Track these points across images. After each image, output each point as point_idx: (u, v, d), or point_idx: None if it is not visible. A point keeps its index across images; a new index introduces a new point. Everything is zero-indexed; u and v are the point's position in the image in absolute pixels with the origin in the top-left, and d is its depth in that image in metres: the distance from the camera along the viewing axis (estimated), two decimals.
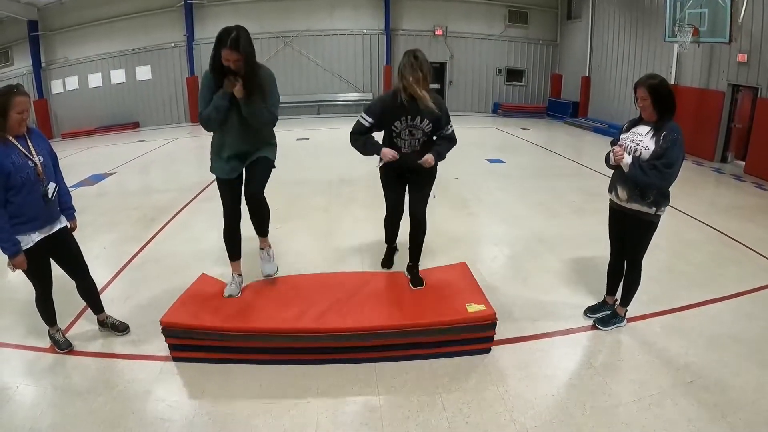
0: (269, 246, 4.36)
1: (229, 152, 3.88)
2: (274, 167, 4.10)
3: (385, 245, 4.95)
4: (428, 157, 3.92)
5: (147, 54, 19.01)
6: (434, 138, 4.06)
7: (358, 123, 3.98)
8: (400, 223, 4.56)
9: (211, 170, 4.02)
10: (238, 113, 3.70)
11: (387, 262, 4.94)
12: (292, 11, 18.86)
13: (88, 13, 18.36)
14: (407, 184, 4.27)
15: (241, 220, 4.10)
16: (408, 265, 4.40)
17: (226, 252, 4.24)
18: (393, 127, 3.93)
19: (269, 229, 4.29)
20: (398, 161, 3.98)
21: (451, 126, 4.08)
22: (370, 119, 3.95)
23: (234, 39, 3.43)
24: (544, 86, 20.24)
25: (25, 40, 18.08)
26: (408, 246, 4.37)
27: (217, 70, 3.58)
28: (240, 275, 4.25)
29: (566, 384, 3.34)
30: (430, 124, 3.92)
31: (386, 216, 4.56)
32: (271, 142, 4.05)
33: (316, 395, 3.27)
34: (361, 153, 4.08)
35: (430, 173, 4.16)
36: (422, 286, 4.16)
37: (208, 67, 3.67)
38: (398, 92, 3.82)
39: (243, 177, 4.03)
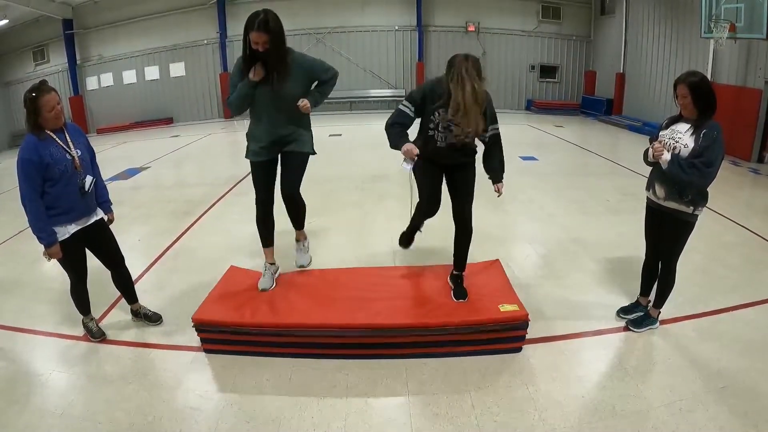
0: (305, 238, 4.55)
1: (264, 140, 3.98)
2: (314, 153, 4.17)
3: (408, 225, 4.35)
4: (502, 188, 3.86)
5: (180, 51, 19.37)
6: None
7: (399, 110, 3.69)
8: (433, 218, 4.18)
9: (246, 156, 4.10)
10: (270, 100, 3.79)
11: (406, 241, 4.43)
12: (324, 8, 18.96)
13: (121, 12, 18.78)
14: (448, 184, 3.96)
15: (274, 210, 4.19)
16: (453, 274, 4.09)
17: (260, 238, 4.30)
18: (432, 117, 3.62)
19: (305, 223, 4.42)
20: (434, 155, 3.74)
21: (498, 127, 3.76)
22: (411, 107, 3.66)
23: (262, 21, 3.56)
24: (577, 83, 19.91)
25: (60, 39, 18.61)
26: (453, 254, 4.07)
27: (247, 59, 3.70)
28: (273, 264, 4.31)
29: (597, 386, 3.29)
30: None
31: (418, 205, 4.05)
32: (306, 129, 4.11)
33: (345, 390, 3.28)
34: (389, 143, 3.72)
35: (472, 170, 3.90)
36: (465, 299, 3.89)
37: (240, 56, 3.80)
38: (444, 84, 3.49)
39: (277, 162, 4.11)
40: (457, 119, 3.46)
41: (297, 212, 4.41)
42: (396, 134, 3.66)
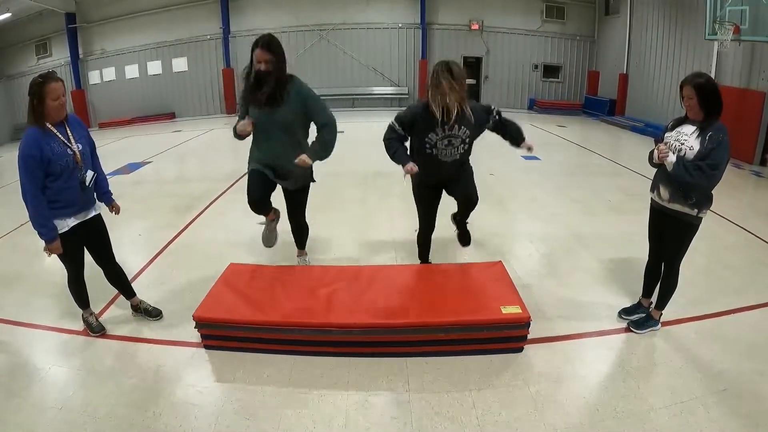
0: (306, 254, 4.81)
1: (262, 162, 4.11)
2: (314, 181, 4.35)
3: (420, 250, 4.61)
4: (531, 143, 4.01)
5: (183, 46, 19.38)
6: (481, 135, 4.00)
7: (390, 128, 3.90)
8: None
9: (247, 171, 4.25)
10: (265, 125, 3.90)
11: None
12: (328, 4, 18.99)
13: (124, 6, 18.81)
14: (447, 190, 4.18)
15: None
16: (455, 217, 4.49)
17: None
18: (427, 139, 3.81)
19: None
20: (438, 173, 3.97)
21: (496, 111, 4.00)
22: (400, 128, 3.87)
23: (266, 41, 3.73)
24: (580, 83, 19.87)
25: (63, 32, 18.64)
26: (456, 214, 4.45)
27: (251, 83, 3.84)
28: (273, 219, 4.63)
29: (598, 386, 3.29)
30: (467, 131, 3.83)
31: (419, 234, 4.45)
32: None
33: (346, 387, 3.28)
34: (391, 157, 3.92)
35: (468, 170, 4.13)
36: (469, 245, 4.60)
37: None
38: (430, 105, 3.71)
39: (275, 184, 4.23)
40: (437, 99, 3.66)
41: (301, 234, 4.70)
42: (397, 151, 3.88)
